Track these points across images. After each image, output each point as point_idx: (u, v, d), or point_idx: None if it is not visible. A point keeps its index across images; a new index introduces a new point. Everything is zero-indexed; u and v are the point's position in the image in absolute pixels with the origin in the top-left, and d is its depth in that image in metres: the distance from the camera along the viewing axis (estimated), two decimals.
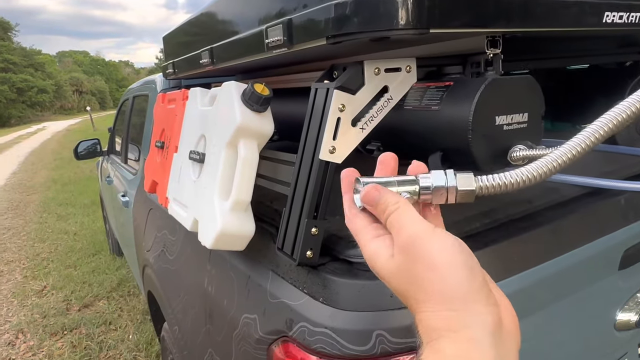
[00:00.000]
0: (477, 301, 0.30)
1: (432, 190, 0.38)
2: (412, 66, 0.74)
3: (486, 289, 0.32)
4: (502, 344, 0.30)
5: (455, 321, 0.30)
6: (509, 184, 0.38)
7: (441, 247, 0.33)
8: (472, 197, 0.38)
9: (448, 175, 0.38)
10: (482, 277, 0.32)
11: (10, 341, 2.59)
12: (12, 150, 14.46)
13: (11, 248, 4.29)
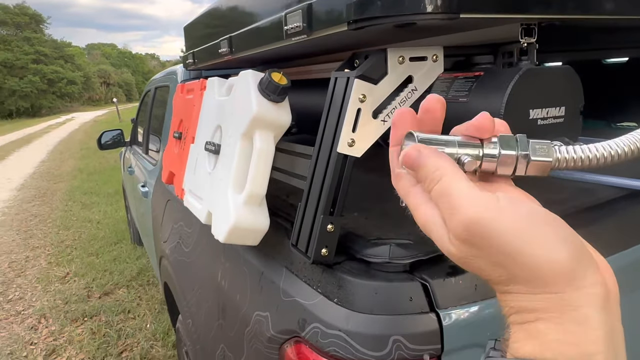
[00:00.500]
0: (581, 277, 0.25)
1: (498, 158, 0.31)
2: (439, 55, 0.70)
3: (587, 254, 0.26)
4: (611, 312, 0.25)
5: (558, 303, 0.24)
6: (594, 158, 0.31)
7: (517, 226, 0.25)
8: (547, 171, 0.31)
9: (520, 141, 0.31)
10: (579, 240, 0.26)
11: (33, 325, 2.65)
12: (41, 139, 14.89)
13: (37, 234, 4.40)
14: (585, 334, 0.24)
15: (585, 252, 0.26)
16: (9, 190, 6.68)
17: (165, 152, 1.45)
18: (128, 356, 2.29)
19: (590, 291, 0.25)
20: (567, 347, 0.24)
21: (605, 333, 0.24)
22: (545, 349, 0.24)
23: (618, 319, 0.26)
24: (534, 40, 0.69)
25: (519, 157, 0.31)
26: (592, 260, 0.26)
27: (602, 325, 0.24)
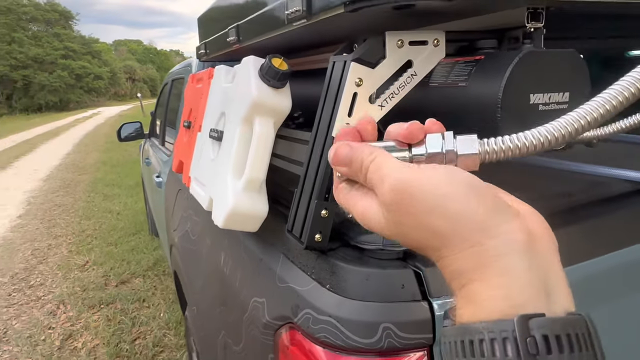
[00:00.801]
0: (498, 223, 0.26)
1: (426, 157, 0.32)
2: (440, 40, 0.68)
3: (502, 204, 0.27)
4: (537, 256, 0.26)
5: (483, 256, 0.25)
6: (523, 148, 0.31)
7: (434, 182, 0.27)
8: (476, 164, 0.31)
9: (446, 138, 0.32)
10: (493, 192, 0.28)
11: (52, 311, 2.72)
12: (68, 132, 15.30)
13: (60, 224, 4.52)
14: (511, 285, 0.24)
15: (499, 202, 0.27)
16: (35, 180, 6.89)
17: (176, 141, 1.47)
18: (141, 343, 2.33)
19: (509, 237, 0.25)
20: (498, 303, 0.24)
21: (532, 279, 0.24)
22: (480, 310, 0.24)
23: (550, 258, 0.27)
24: (541, 25, 0.66)
25: (446, 154, 0.31)
26: (509, 209, 0.27)
27: (527, 272, 0.24)
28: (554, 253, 0.27)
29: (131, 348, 2.28)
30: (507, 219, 0.26)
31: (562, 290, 0.26)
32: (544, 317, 0.23)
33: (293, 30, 0.79)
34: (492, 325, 0.23)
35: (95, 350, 2.30)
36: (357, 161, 0.32)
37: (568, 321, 0.24)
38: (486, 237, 0.25)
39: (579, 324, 0.24)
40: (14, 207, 5.32)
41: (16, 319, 2.65)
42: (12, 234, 4.25)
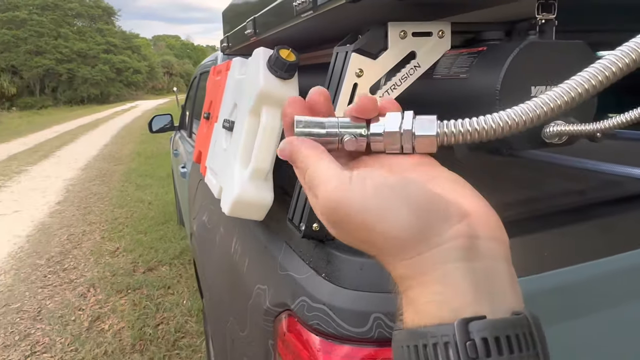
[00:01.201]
0: (435, 234, 0.25)
1: (383, 136, 0.31)
2: (445, 31, 0.67)
3: (441, 212, 0.26)
4: (479, 258, 0.25)
5: (420, 265, 0.25)
6: (482, 131, 0.30)
7: (363, 201, 0.26)
8: (434, 146, 0.31)
9: (405, 117, 0.31)
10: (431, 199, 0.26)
11: (82, 293, 2.85)
12: (107, 124, 15.88)
13: (95, 211, 4.71)
14: (449, 291, 0.24)
15: (437, 210, 0.26)
16: (74, 169, 7.20)
17: (197, 132, 1.50)
18: (164, 329, 2.41)
19: (447, 246, 0.25)
20: (436, 307, 0.24)
21: (472, 283, 0.24)
22: (418, 314, 0.25)
23: (497, 262, 0.26)
24: (552, 17, 0.64)
25: (403, 134, 0.31)
26: (449, 215, 0.26)
27: (467, 276, 0.24)
28: (500, 253, 0.27)
29: (154, 332, 2.36)
30: (446, 227, 0.26)
31: (508, 290, 0.25)
32: (484, 319, 0.23)
33: (302, 22, 0.80)
34: (434, 330, 0.24)
35: (120, 332, 2.39)
36: (296, 165, 0.31)
37: (509, 322, 0.23)
38: (422, 248, 0.25)
39: (520, 324, 0.24)
40: (53, 193, 5.58)
41: (50, 299, 2.79)
42: (51, 219, 4.46)
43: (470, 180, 0.31)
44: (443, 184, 0.29)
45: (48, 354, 2.23)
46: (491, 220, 0.28)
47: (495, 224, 0.28)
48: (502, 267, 0.26)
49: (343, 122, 0.32)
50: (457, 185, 0.29)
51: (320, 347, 0.64)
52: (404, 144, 0.31)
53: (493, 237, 0.27)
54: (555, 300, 0.65)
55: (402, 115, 0.31)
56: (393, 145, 0.31)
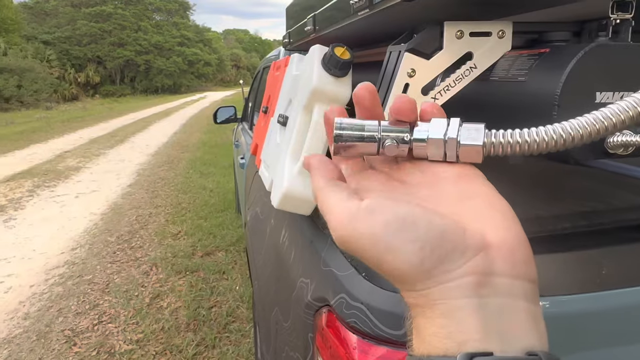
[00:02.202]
0: (445, 270, 0.24)
1: (427, 143, 0.29)
2: (506, 31, 0.64)
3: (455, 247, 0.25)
4: (492, 294, 0.24)
5: (428, 298, 0.25)
6: (533, 143, 0.28)
7: (370, 232, 0.26)
8: (479, 157, 0.29)
9: (451, 125, 0.29)
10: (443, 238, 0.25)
11: (146, 271, 3.05)
12: (178, 113, 16.77)
13: (161, 195, 5.01)
14: (455, 325, 0.24)
15: (446, 246, 0.25)
16: (146, 155, 7.69)
17: (255, 125, 1.55)
18: (217, 311, 2.52)
19: (457, 283, 0.24)
20: (441, 340, 0.24)
21: (481, 319, 0.23)
22: (424, 343, 0.24)
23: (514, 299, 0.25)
24: (629, 17, 0.59)
25: (447, 142, 0.29)
26: (462, 249, 0.25)
27: (476, 312, 0.23)
28: (521, 291, 0.25)
29: (207, 314, 2.48)
30: (459, 262, 0.25)
31: (525, 329, 0.24)
32: (491, 355, 0.22)
33: (359, 20, 0.80)
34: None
35: (177, 311, 2.53)
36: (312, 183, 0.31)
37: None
38: (430, 284, 0.25)
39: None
40: (126, 176, 6.00)
41: (117, 274, 3.02)
42: (122, 200, 4.80)
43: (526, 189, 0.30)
44: (474, 206, 0.27)
45: (113, 324, 2.41)
46: (517, 254, 0.26)
47: (521, 259, 0.26)
48: (521, 306, 0.25)
49: (385, 126, 0.31)
50: (491, 209, 0.27)
51: (357, 345, 0.65)
52: (447, 152, 0.30)
53: (514, 274, 0.25)
54: (611, 322, 0.61)
55: (448, 122, 0.30)
56: (436, 153, 0.30)
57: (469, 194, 0.28)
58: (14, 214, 4.37)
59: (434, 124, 0.30)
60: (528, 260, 0.26)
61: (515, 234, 0.26)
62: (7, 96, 20.30)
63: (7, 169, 6.59)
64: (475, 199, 0.28)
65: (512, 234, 0.26)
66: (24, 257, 3.32)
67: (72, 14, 33.24)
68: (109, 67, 34.19)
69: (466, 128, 0.30)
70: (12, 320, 2.48)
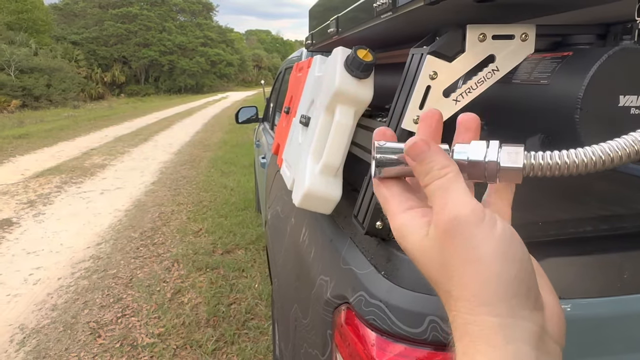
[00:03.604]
0: (524, 306, 0.25)
1: (467, 164, 0.30)
2: (529, 34, 0.64)
3: (536, 290, 0.26)
4: (545, 354, 0.26)
5: (495, 332, 0.25)
6: (572, 166, 0.29)
7: (486, 235, 0.26)
8: (519, 178, 0.30)
9: (490, 147, 0.30)
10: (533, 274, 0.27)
11: (167, 267, 3.12)
12: (200, 113, 17.02)
13: (183, 193, 5.10)
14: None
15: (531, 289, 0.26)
16: (169, 153, 7.84)
17: (277, 125, 1.57)
18: (236, 308, 2.56)
19: (525, 324, 0.25)
20: None
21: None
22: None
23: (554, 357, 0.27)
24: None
25: (487, 164, 0.30)
26: (536, 299, 0.26)
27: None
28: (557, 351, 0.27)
29: (227, 311, 2.52)
30: (534, 307, 0.26)
31: None
32: None
33: (382, 23, 0.81)
34: None
35: (197, 307, 2.58)
36: (427, 165, 0.30)
37: None
38: (508, 314, 0.25)
39: None
40: (149, 174, 6.13)
41: (140, 269, 3.09)
42: (146, 197, 4.91)
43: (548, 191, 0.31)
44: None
45: (135, 317, 2.48)
46: (561, 321, 0.28)
47: (563, 326, 0.28)
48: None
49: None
50: (540, 277, 0.30)
51: (375, 342, 0.66)
52: (487, 174, 0.30)
53: (557, 340, 0.27)
54: (632, 327, 0.61)
55: (488, 144, 0.31)
56: (476, 174, 0.31)
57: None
58: (43, 209, 4.52)
59: (474, 146, 0.31)
60: (564, 329, 0.28)
61: (558, 303, 0.29)
62: (37, 95, 20.96)
63: (36, 165, 6.82)
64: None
65: (558, 303, 0.29)
66: (52, 251, 3.43)
67: (99, 15, 34.11)
68: (134, 67, 34.92)
69: (506, 151, 0.30)
70: (40, 311, 2.57)
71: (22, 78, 20.75)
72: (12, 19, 25.39)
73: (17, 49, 21.75)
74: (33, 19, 26.78)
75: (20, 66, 21.05)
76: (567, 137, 0.56)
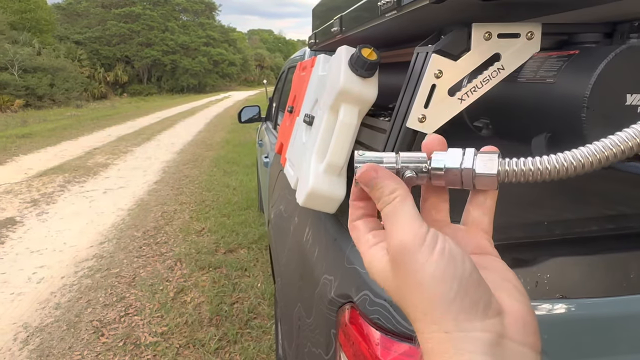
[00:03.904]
0: (472, 319, 0.27)
1: (444, 172, 0.31)
2: (535, 32, 0.64)
3: (486, 300, 0.27)
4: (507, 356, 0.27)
5: (447, 347, 0.26)
6: (546, 171, 0.30)
7: (425, 258, 0.28)
8: (494, 184, 0.31)
9: (466, 155, 0.31)
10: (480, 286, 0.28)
11: (170, 266, 3.12)
12: (202, 112, 17.04)
13: (186, 192, 5.11)
14: None
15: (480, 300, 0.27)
16: (171, 153, 7.85)
17: (280, 125, 1.57)
18: (238, 307, 2.56)
19: (476, 335, 0.26)
20: None
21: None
22: None
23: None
24: None
25: (463, 171, 0.31)
26: (489, 303, 0.27)
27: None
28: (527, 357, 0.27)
29: (229, 310, 2.52)
30: (484, 316, 0.27)
31: None
32: None
33: (386, 21, 0.81)
34: None
35: (200, 306, 2.58)
36: (377, 191, 0.32)
37: None
38: (455, 328, 0.26)
39: None
40: (152, 173, 6.14)
41: (143, 268, 3.10)
42: (148, 197, 4.92)
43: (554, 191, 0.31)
44: (493, 277, 0.30)
45: (138, 316, 2.48)
46: (527, 324, 0.28)
47: (530, 329, 0.28)
48: None
49: (404, 158, 0.33)
50: (505, 281, 0.30)
51: (379, 341, 0.66)
52: (464, 181, 0.31)
53: (524, 342, 0.28)
54: (638, 327, 0.60)
55: (464, 152, 0.31)
56: (454, 181, 0.32)
57: (484, 265, 0.31)
58: (47, 208, 4.53)
59: (451, 154, 0.32)
60: (536, 332, 0.29)
61: (526, 307, 0.29)
62: (41, 94, 21.03)
63: (40, 164, 6.84)
64: (490, 270, 0.30)
65: (524, 307, 0.29)
66: (55, 250, 3.44)
67: (102, 14, 34.19)
68: (137, 66, 34.99)
69: (481, 158, 0.31)
70: (44, 309, 2.57)
71: (26, 77, 20.83)
72: (16, 19, 25.48)
73: (20, 48, 21.83)
74: (36, 18, 26.87)
75: (23, 66, 21.12)
76: (573, 136, 0.55)
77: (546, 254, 0.62)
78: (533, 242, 0.64)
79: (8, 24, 23.93)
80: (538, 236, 0.64)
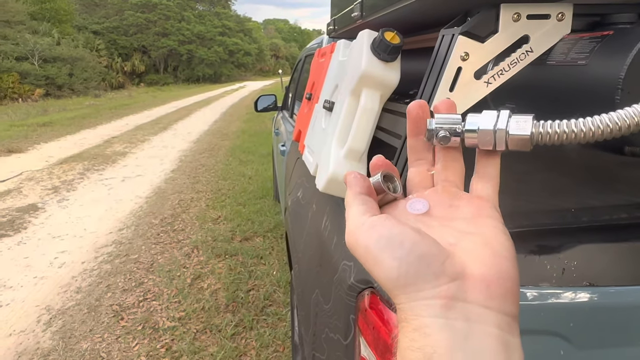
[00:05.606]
0: (421, 289, 0.28)
1: (477, 134, 0.32)
2: (566, 13, 0.62)
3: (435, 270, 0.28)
4: (464, 320, 0.27)
5: (404, 313, 0.29)
6: (581, 133, 0.30)
7: (365, 243, 0.30)
8: (528, 145, 0.31)
9: (500, 116, 0.31)
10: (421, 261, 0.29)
11: (187, 253, 3.16)
12: (218, 102, 17.12)
13: (202, 181, 5.16)
14: (424, 339, 0.27)
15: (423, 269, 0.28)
16: (188, 142, 7.92)
17: (298, 112, 1.57)
18: (254, 295, 2.59)
19: (426, 302, 0.27)
20: (412, 352, 0.27)
21: (446, 337, 0.26)
22: (400, 355, 0.28)
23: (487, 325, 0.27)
24: None
25: (496, 132, 0.31)
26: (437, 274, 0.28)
27: (441, 330, 0.27)
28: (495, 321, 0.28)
29: (245, 297, 2.55)
30: (432, 284, 0.28)
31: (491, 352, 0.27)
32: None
33: (410, 4, 0.79)
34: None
35: (216, 293, 2.62)
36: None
37: None
38: (405, 299, 0.28)
39: None
40: (169, 162, 6.21)
41: (160, 255, 3.14)
42: (165, 185, 4.98)
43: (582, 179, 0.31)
44: (470, 241, 0.30)
45: (157, 301, 2.53)
46: (493, 289, 0.28)
47: (498, 293, 0.28)
48: (492, 333, 0.27)
49: (439, 118, 0.33)
50: (484, 247, 0.30)
51: None
52: (497, 142, 0.32)
53: (487, 305, 0.28)
54: None
55: (498, 114, 0.32)
56: (486, 142, 0.32)
57: (472, 231, 0.31)
58: (67, 195, 4.63)
59: (485, 115, 0.32)
60: (507, 296, 0.29)
61: (496, 271, 0.29)
62: (60, 84, 21.36)
63: (60, 152, 6.97)
64: (474, 235, 0.31)
65: (493, 271, 0.29)
66: (76, 236, 3.52)
67: (119, 4, 34.43)
68: (154, 56, 35.24)
69: (515, 119, 0.31)
70: (65, 293, 2.64)
71: (46, 67, 21.16)
72: (36, 9, 25.84)
73: (40, 38, 22.16)
74: (55, 8, 27.21)
75: (43, 55, 21.45)
76: None
77: (573, 242, 0.61)
78: (560, 229, 0.63)
79: (28, 14, 24.28)
80: (565, 223, 0.63)
